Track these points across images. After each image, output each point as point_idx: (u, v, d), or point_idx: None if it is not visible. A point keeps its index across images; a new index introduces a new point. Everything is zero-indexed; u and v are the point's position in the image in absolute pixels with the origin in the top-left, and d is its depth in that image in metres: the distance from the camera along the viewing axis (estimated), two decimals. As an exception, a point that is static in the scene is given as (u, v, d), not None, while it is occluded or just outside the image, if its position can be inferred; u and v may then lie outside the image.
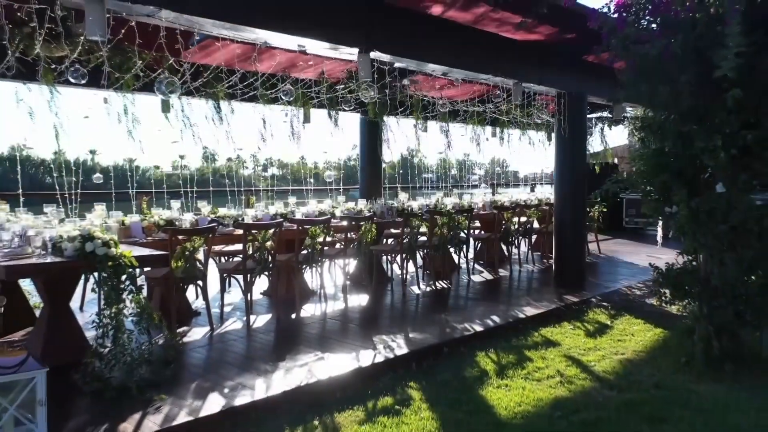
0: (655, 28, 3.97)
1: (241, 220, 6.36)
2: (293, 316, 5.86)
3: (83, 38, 4.35)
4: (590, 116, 12.38)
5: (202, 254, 5.50)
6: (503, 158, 17.99)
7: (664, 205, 4.42)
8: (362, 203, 7.87)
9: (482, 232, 9.23)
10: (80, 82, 4.22)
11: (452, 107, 9.11)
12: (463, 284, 7.60)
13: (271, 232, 5.80)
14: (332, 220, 6.57)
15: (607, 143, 12.90)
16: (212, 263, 6.10)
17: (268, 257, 5.85)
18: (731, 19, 3.19)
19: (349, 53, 5.35)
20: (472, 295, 7.04)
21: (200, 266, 5.43)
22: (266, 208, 7.12)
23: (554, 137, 7.93)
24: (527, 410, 3.69)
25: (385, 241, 8.11)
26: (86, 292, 6.25)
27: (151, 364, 4.00)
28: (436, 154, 13.55)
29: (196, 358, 4.60)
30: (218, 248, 6.70)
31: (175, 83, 4.21)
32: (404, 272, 7.24)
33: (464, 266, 8.28)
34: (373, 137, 9.17)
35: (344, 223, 6.78)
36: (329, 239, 6.54)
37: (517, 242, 9.23)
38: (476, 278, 7.99)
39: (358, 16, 5.16)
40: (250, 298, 5.76)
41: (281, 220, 6.16)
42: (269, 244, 5.81)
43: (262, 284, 6.94)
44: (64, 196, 6.02)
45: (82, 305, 6.14)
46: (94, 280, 5.93)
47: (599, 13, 4.55)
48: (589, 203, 9.44)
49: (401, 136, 8.98)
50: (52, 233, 4.21)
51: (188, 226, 5.75)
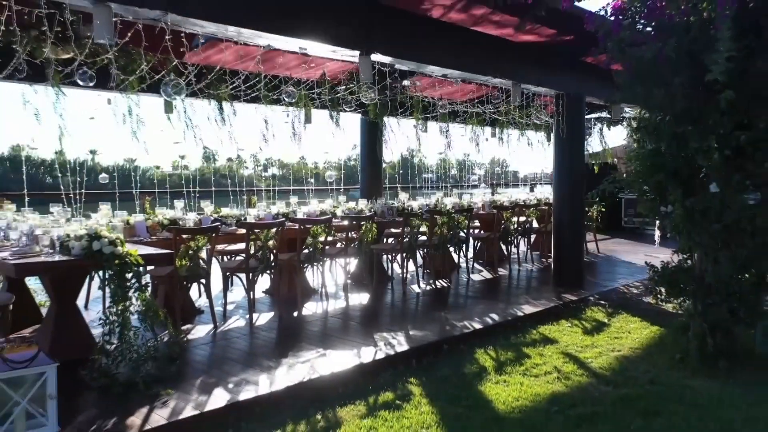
0: (650, 31, 4.06)
1: (243, 219, 6.45)
2: (295, 314, 5.95)
3: (89, 41, 4.46)
4: (589, 116, 12.46)
5: (204, 253, 5.60)
6: (503, 158, 18.07)
7: (659, 204, 4.51)
8: (363, 203, 7.95)
9: (482, 231, 9.31)
10: (88, 84, 4.30)
11: (452, 108, 9.19)
12: (462, 283, 7.68)
13: (273, 231, 5.88)
14: (333, 219, 6.65)
15: (606, 143, 13.00)
16: (215, 262, 6.18)
17: (270, 256, 5.94)
18: (721, 23, 3.28)
19: (350, 55, 5.43)
20: (471, 293, 7.12)
21: (203, 265, 5.52)
22: (268, 207, 7.20)
23: (553, 138, 8.01)
24: (525, 405, 3.78)
25: (385, 240, 8.20)
26: (91, 290, 6.34)
27: (156, 360, 4.08)
28: (436, 154, 13.65)
29: (200, 354, 4.69)
30: (221, 247, 6.78)
31: (180, 85, 4.29)
32: (404, 271, 7.32)
33: (464, 265, 8.35)
34: (373, 137, 9.26)
35: (345, 222, 6.87)
36: (330, 238, 6.62)
37: (516, 242, 9.32)
38: (476, 277, 8.08)
39: (358, 18, 5.24)
40: (252, 296, 5.85)
41: (283, 219, 6.25)
42: (271, 243, 5.90)
43: (264, 283, 7.03)
44: (68, 195, 6.11)
45: (86, 303, 6.22)
46: (99, 279, 6.04)
47: (596, 15, 4.64)
48: (587, 203, 9.53)
49: (401, 136, 9.09)
50: (59, 232, 4.29)
51: (191, 225, 5.84)
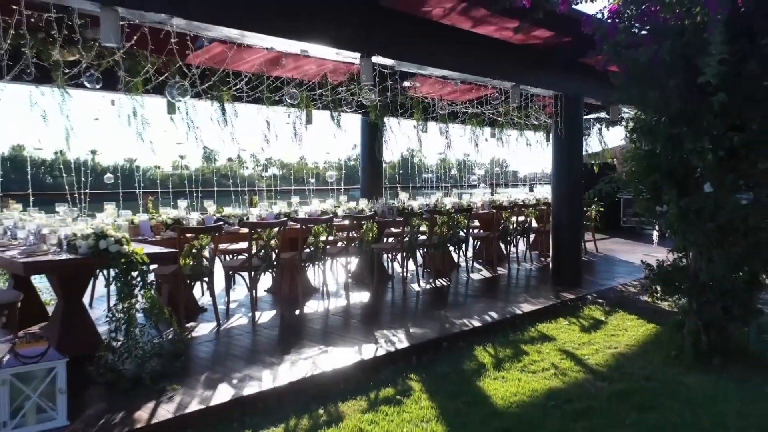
0: (645, 34, 4.14)
1: (246, 219, 6.53)
2: (297, 312, 6.03)
3: (93, 43, 4.54)
4: (588, 117, 12.54)
5: (207, 252, 5.68)
6: (503, 158, 18.16)
7: (654, 204, 4.59)
8: (363, 203, 8.03)
9: (481, 231, 9.39)
10: (95, 86, 4.38)
11: (451, 109, 9.28)
12: (462, 282, 7.77)
13: (275, 230, 5.97)
14: (334, 219, 6.73)
15: (605, 143, 13.09)
16: (217, 261, 6.26)
17: (272, 255, 6.02)
18: (713, 28, 3.36)
19: (351, 57, 5.52)
20: (471, 292, 7.20)
21: (206, 264, 5.60)
22: (270, 207, 7.29)
23: (551, 138, 8.09)
24: (522, 400, 3.86)
25: (385, 239, 8.27)
26: (95, 289, 6.42)
27: (161, 357, 4.16)
28: (435, 154, 13.73)
29: (204, 351, 4.77)
30: (223, 247, 6.86)
31: (185, 87, 4.37)
32: (405, 270, 7.40)
33: (463, 265, 8.44)
34: (373, 138, 9.34)
35: (346, 222, 6.95)
36: (331, 238, 6.70)
37: (515, 241, 9.40)
38: (475, 276, 8.16)
39: (359, 21, 5.32)
40: (255, 294, 5.93)
41: (285, 219, 6.33)
42: (273, 242, 5.98)
43: (266, 282, 7.11)
44: (71, 195, 6.19)
45: (91, 302, 6.30)
46: (103, 278, 6.14)
47: (593, 18, 4.71)
48: (586, 203, 9.61)
49: (402, 136, 9.18)
50: (66, 231, 4.37)
51: (195, 225, 5.93)
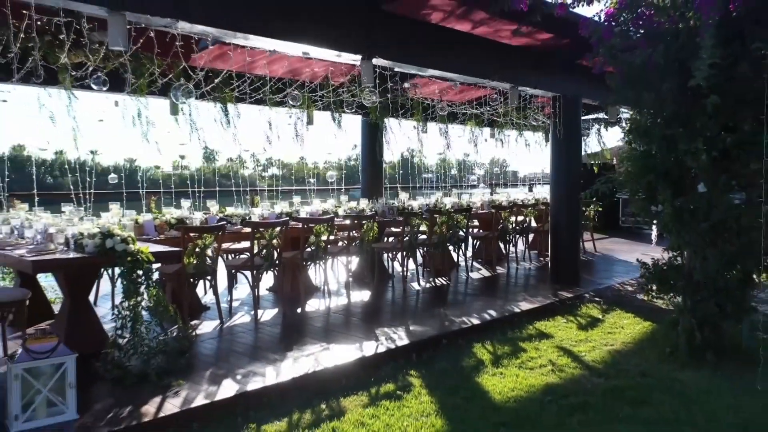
0: (640, 38, 4.23)
1: (248, 218, 6.62)
2: (299, 310, 6.12)
3: (98, 45, 4.64)
4: (587, 117, 12.63)
5: (210, 251, 5.76)
6: (503, 158, 18.23)
7: (650, 204, 4.68)
8: (364, 203, 8.12)
9: (481, 230, 9.47)
10: (102, 88, 4.47)
11: (451, 110, 9.36)
12: (461, 281, 7.86)
13: (277, 230, 6.05)
14: (335, 218, 6.82)
15: (604, 144, 13.18)
16: (220, 260, 6.35)
17: (274, 254, 6.11)
18: (704, 32, 3.45)
19: (352, 59, 5.60)
20: (470, 291, 7.29)
21: (209, 263, 5.69)
22: (272, 207, 7.38)
23: (550, 139, 8.17)
24: (520, 395, 3.95)
25: (386, 239, 8.36)
26: (99, 288, 6.51)
27: (166, 354, 4.25)
28: (435, 154, 13.83)
29: (208, 348, 4.86)
30: (225, 246, 6.94)
31: (189, 89, 4.46)
32: (405, 269, 7.48)
33: (463, 264, 8.53)
34: (374, 138, 9.43)
35: (347, 221, 7.04)
36: (332, 237, 6.79)
37: (514, 241, 9.48)
38: (474, 275, 8.25)
39: (360, 24, 5.41)
40: (257, 293, 6.02)
41: (287, 218, 6.42)
42: (275, 241, 6.07)
43: (268, 281, 7.20)
44: (69, 195, 6.28)
45: (95, 300, 6.38)
46: (108, 276, 6.23)
47: (590, 21, 4.80)
48: (584, 203, 9.69)
49: (402, 137, 9.27)
50: (73, 231, 4.46)
51: (198, 224, 6.02)
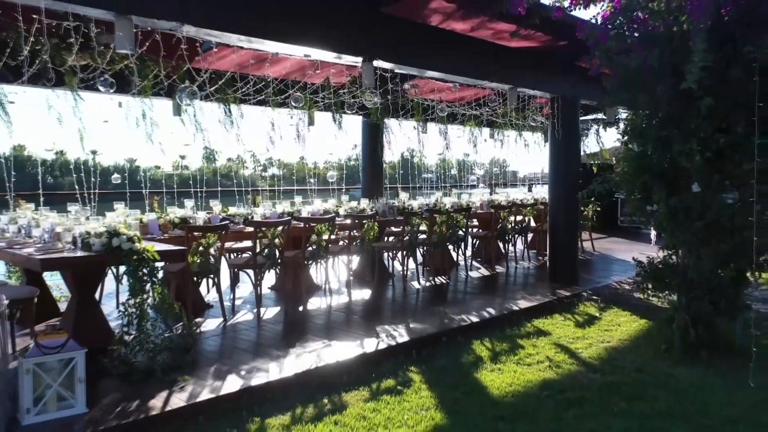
0: (635, 41, 4.32)
1: (250, 218, 6.72)
2: (300, 308, 6.22)
3: (104, 47, 4.73)
4: (586, 118, 12.72)
5: (213, 250, 5.85)
6: (503, 159, 18.33)
7: (645, 204, 4.78)
8: (364, 202, 8.21)
9: (480, 230, 9.56)
10: (109, 90, 4.56)
11: (451, 110, 9.46)
12: (461, 280, 7.95)
13: (279, 229, 6.14)
14: (336, 218, 6.91)
15: (602, 144, 13.27)
16: (222, 259, 6.44)
17: (276, 253, 6.20)
18: (696, 36, 3.54)
19: (353, 61, 5.70)
20: (469, 289, 7.38)
21: (213, 261, 5.78)
22: (273, 206, 7.47)
23: (549, 139, 8.26)
24: (518, 390, 4.05)
25: (386, 238, 8.45)
26: (104, 286, 6.59)
27: (171, 350, 4.34)
28: (435, 154, 13.94)
29: (212, 345, 4.96)
30: (227, 245, 7.03)
31: (194, 91, 4.55)
32: (405, 268, 7.57)
33: (462, 263, 8.62)
34: (374, 139, 9.52)
35: (348, 221, 7.13)
36: (334, 237, 6.88)
37: (513, 240, 9.57)
38: (474, 274, 8.35)
39: (360, 26, 5.50)
40: (259, 291, 6.11)
41: (289, 218, 6.51)
42: (277, 240, 6.16)
43: (269, 279, 7.30)
44: (75, 195, 6.36)
45: (100, 298, 6.46)
46: (113, 275, 6.32)
47: (587, 24, 4.88)
48: (583, 202, 9.79)
49: (402, 137, 9.37)
50: (80, 230, 4.55)
51: (201, 223, 6.11)
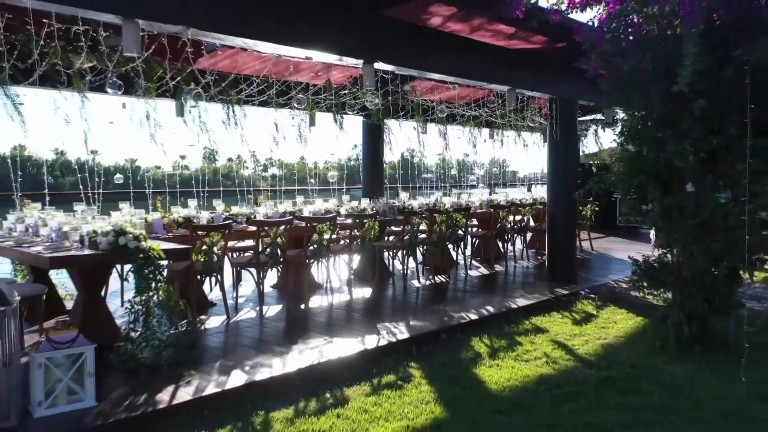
0: (630, 44, 4.42)
1: (253, 217, 6.82)
2: (302, 306, 6.32)
3: (110, 50, 4.83)
4: (585, 118, 12.83)
5: (215, 249, 5.95)
6: (503, 159, 18.41)
7: (640, 203, 4.88)
8: (365, 202, 8.31)
9: (479, 229, 9.66)
10: (117, 92, 4.66)
11: (450, 111, 9.55)
12: (460, 278, 8.04)
13: (281, 228, 6.24)
14: (338, 218, 7.01)
15: (601, 144, 13.38)
16: (225, 258, 6.53)
17: (278, 252, 6.30)
18: (688, 41, 3.64)
19: (354, 63, 5.80)
20: (468, 288, 7.48)
21: (216, 260, 5.88)
22: (275, 206, 7.57)
23: (547, 140, 8.36)
24: (515, 385, 4.15)
25: (387, 238, 8.55)
26: (108, 285, 6.69)
27: (176, 346, 4.45)
28: (435, 155, 14.06)
29: (216, 342, 5.06)
30: (230, 244, 7.13)
31: (200, 94, 4.65)
32: (405, 267, 7.67)
33: (462, 262, 8.72)
34: (375, 139, 9.62)
35: (349, 220, 7.22)
36: (335, 236, 6.98)
37: (512, 239, 9.67)
38: (473, 273, 8.44)
39: (361, 29, 5.60)
40: (262, 289, 6.21)
41: (291, 217, 6.61)
42: (280, 240, 6.26)
43: (271, 278, 7.39)
44: (80, 195, 6.45)
45: (104, 297, 6.56)
46: (118, 274, 6.42)
47: (584, 27, 4.99)
48: (582, 202, 9.88)
49: (402, 137, 9.47)
50: (88, 229, 4.65)
51: (205, 223, 6.22)
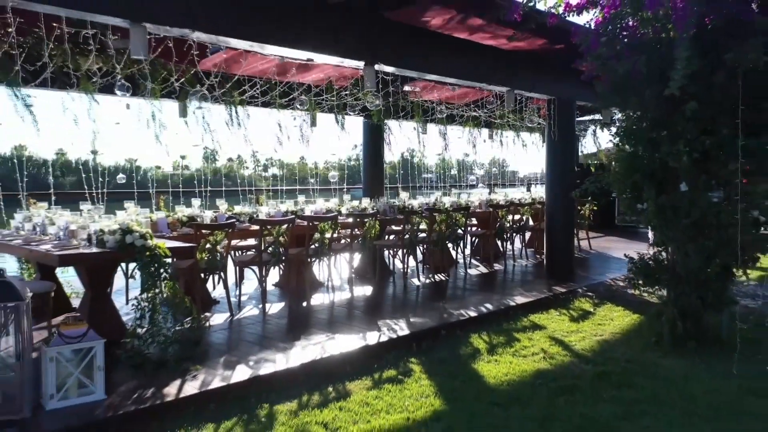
0: (625, 47, 4.52)
1: (255, 216, 6.92)
2: (304, 304, 6.42)
3: (120, 52, 4.94)
4: (583, 119, 12.94)
5: (219, 248, 6.05)
6: (503, 159, 18.52)
7: (635, 202, 4.99)
8: (366, 202, 8.42)
9: (479, 229, 9.76)
10: (126, 94, 4.77)
11: (450, 111, 9.66)
12: (460, 277, 8.15)
13: (284, 227, 6.35)
14: (339, 217, 7.12)
15: (599, 144, 13.51)
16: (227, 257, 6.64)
17: (281, 251, 6.40)
18: (679, 45, 3.74)
19: (355, 65, 5.90)
20: (468, 286, 7.58)
21: (219, 258, 5.99)
22: (277, 205, 7.67)
23: (545, 140, 8.46)
24: (513, 379, 4.26)
25: (387, 237, 8.65)
26: (113, 283, 6.79)
27: (182, 343, 4.55)
28: (435, 155, 14.19)
29: (220, 338, 5.16)
30: (233, 243, 7.22)
31: (205, 95, 4.76)
32: (405, 266, 7.78)
33: (461, 261, 8.82)
34: (375, 139, 9.74)
35: (350, 220, 7.33)
36: (336, 235, 7.08)
37: (511, 239, 9.77)
38: (472, 272, 8.55)
39: (362, 32, 5.71)
40: (264, 287, 6.31)
41: (293, 217, 6.71)
42: (282, 238, 6.36)
43: (273, 276, 7.50)
44: (77, 195, 6.56)
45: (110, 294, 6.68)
46: (122, 272, 6.52)
47: (581, 29, 5.08)
48: (580, 202, 9.99)
49: (402, 138, 9.59)
50: (95, 227, 4.75)
51: (208, 222, 6.32)
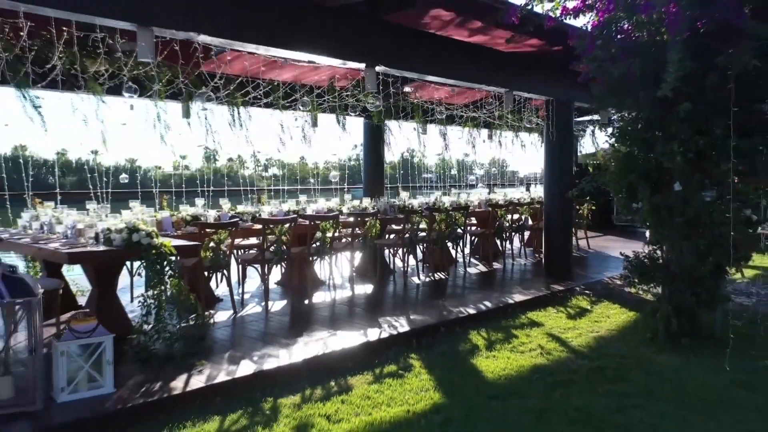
0: (620, 50, 4.62)
1: (258, 215, 7.03)
2: (306, 301, 6.52)
3: (127, 54, 5.05)
4: (582, 119, 13.05)
5: (222, 246, 6.16)
6: (503, 159, 18.62)
7: (631, 201, 5.09)
8: (367, 201, 8.52)
9: (478, 228, 9.86)
10: (134, 96, 4.87)
11: (449, 112, 9.77)
12: (459, 276, 8.25)
13: (286, 226, 6.45)
14: (340, 216, 7.22)
15: (597, 145, 13.62)
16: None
17: (283, 249, 6.50)
18: (671, 48, 3.85)
19: (356, 66, 6.00)
20: (467, 284, 7.69)
21: (223, 257, 6.09)
22: (279, 205, 7.78)
23: (544, 140, 8.56)
24: (510, 374, 4.36)
25: (387, 236, 8.75)
26: (118, 281, 6.90)
27: (187, 339, 4.65)
28: (435, 155, 14.31)
29: (224, 335, 5.27)
30: (236, 242, 7.32)
31: (211, 97, 4.86)
32: (405, 265, 7.89)
33: (461, 260, 8.92)
34: (376, 140, 9.84)
35: (351, 219, 7.44)
36: (337, 234, 7.18)
37: (510, 238, 9.87)
38: (472, 270, 8.65)
39: (363, 34, 5.81)
40: (267, 285, 6.42)
41: (295, 216, 6.82)
42: (284, 237, 6.46)
43: (275, 275, 7.60)
44: (80, 195, 6.67)
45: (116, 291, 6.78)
46: (127, 270, 6.63)
47: (578, 32, 5.18)
48: (578, 201, 10.09)
49: (402, 138, 9.69)
50: (102, 226, 4.85)
51: (212, 221, 6.43)
